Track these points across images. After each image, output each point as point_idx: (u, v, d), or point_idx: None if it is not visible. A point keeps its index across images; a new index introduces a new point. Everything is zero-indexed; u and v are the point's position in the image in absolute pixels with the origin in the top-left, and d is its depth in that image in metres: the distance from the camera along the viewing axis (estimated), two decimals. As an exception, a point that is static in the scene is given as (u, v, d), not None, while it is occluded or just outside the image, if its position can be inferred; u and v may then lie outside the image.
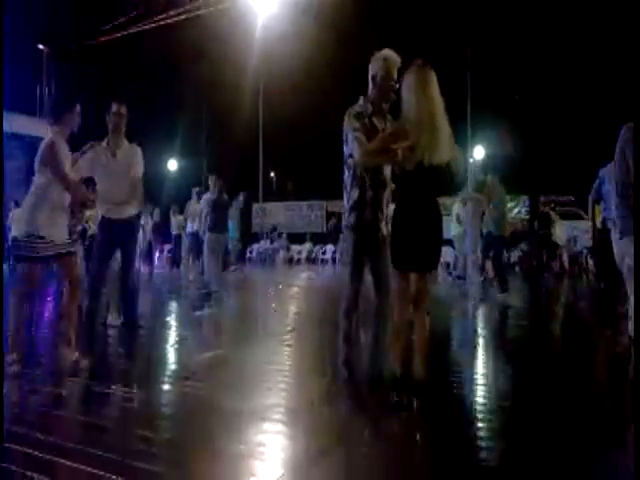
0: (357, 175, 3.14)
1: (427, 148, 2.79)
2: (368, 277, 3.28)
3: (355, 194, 3.15)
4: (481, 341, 4.85)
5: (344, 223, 3.23)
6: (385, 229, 3.21)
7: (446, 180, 2.91)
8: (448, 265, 11.85)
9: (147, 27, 15.86)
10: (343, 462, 2.24)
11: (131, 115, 4.54)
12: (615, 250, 3.99)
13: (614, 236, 3.96)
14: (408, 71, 2.89)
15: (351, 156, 3.09)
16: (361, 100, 3.20)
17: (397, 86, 3.06)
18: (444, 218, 3.11)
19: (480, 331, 5.42)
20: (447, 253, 10.75)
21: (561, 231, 13.46)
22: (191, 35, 18.51)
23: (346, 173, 3.21)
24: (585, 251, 16.29)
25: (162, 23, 15.79)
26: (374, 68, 3.14)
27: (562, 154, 19.52)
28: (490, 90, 20.12)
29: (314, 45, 20.27)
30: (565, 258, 14.16)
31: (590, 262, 15.98)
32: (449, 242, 9.74)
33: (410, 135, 2.79)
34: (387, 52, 3.13)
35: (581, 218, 17.48)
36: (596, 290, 9.00)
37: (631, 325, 3.43)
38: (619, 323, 3.63)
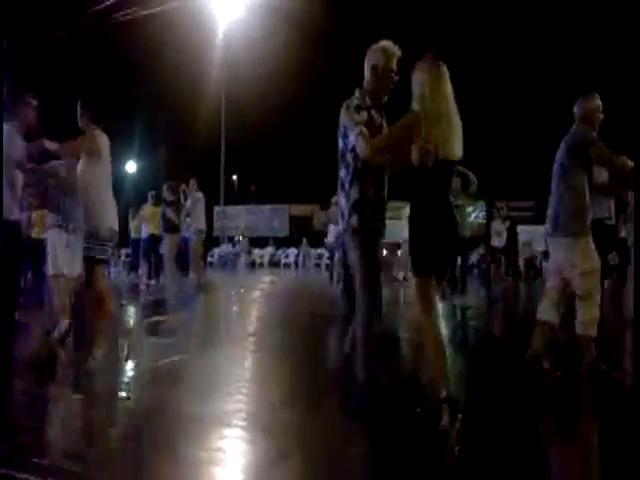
0: (358, 172, 2.92)
1: (444, 145, 2.71)
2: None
3: (355, 193, 2.92)
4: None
5: (344, 226, 2.99)
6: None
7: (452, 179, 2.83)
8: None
9: (104, 25, 15.52)
10: (303, 466, 2.24)
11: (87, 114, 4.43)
12: (562, 255, 3.62)
13: (558, 240, 3.61)
14: (420, 65, 2.80)
15: (352, 150, 2.89)
16: (357, 92, 3.00)
17: (397, 78, 2.98)
18: (396, 222, 3.04)
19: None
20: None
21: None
22: (152, 34, 18.23)
23: (343, 170, 2.98)
24: (539, 255, 16.88)
25: (121, 19, 15.48)
26: (373, 58, 2.98)
27: (520, 159, 20.15)
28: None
29: (277, 47, 20.29)
30: (521, 262, 14.65)
31: (545, 265, 16.58)
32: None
33: (426, 131, 2.68)
34: (387, 43, 3.00)
35: (538, 223, 18.08)
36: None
37: (580, 327, 3.53)
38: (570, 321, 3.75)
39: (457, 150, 2.78)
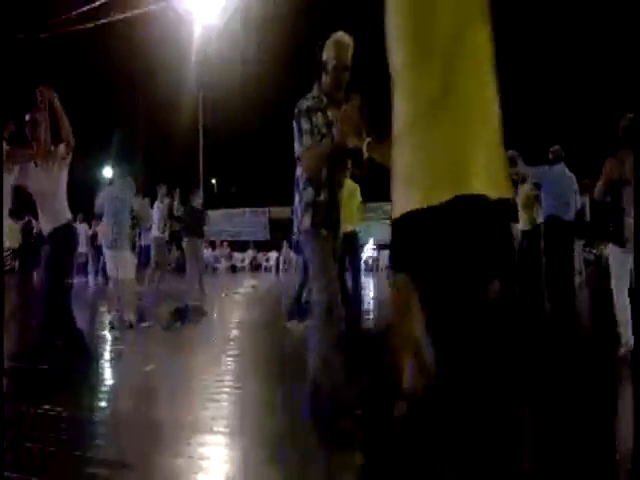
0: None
1: None
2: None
3: (308, 193, 2.79)
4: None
5: (297, 226, 2.86)
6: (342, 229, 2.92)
7: None
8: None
9: (82, 28, 15.30)
10: (285, 472, 2.24)
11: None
12: None
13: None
14: None
15: (298, 159, 2.79)
16: (315, 89, 2.85)
17: (349, 73, 2.78)
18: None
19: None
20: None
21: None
22: (127, 38, 18.04)
23: (298, 169, 2.88)
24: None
25: (96, 24, 15.27)
26: (325, 53, 2.78)
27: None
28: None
29: (255, 51, 20.25)
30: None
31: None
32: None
33: None
34: (339, 35, 2.77)
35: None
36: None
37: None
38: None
39: None
